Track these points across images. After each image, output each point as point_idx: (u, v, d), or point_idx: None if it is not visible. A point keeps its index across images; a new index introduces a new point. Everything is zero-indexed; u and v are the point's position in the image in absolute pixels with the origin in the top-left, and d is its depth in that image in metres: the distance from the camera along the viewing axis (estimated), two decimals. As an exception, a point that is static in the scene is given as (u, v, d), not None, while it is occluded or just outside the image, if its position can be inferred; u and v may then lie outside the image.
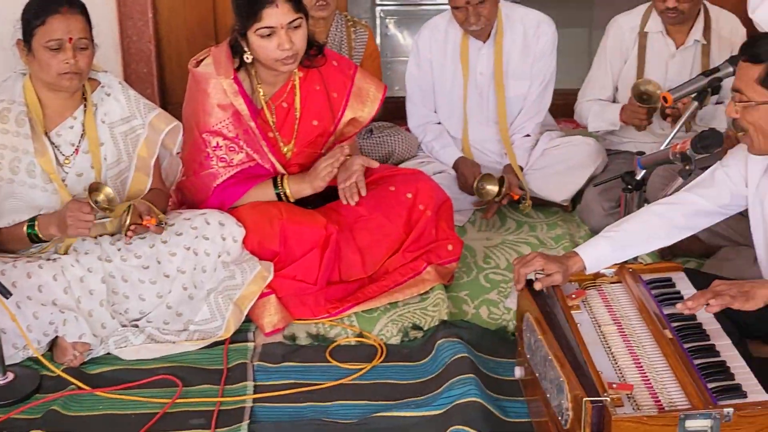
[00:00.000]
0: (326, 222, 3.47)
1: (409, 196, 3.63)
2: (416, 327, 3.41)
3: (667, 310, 2.76)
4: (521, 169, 4.21)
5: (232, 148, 3.42)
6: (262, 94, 3.46)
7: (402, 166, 4.23)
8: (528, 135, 4.31)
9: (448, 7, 4.14)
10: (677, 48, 4.09)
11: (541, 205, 4.33)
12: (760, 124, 2.67)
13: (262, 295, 3.36)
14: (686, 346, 2.60)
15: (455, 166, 4.27)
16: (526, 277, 2.83)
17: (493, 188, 4.07)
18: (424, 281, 3.57)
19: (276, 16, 3.26)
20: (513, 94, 4.27)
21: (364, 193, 3.47)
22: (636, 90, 3.93)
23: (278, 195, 3.50)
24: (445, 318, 3.41)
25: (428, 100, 4.37)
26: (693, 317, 2.72)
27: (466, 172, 4.20)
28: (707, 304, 2.55)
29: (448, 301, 3.52)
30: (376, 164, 3.55)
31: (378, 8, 7.80)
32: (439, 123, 4.40)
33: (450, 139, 4.36)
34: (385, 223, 3.58)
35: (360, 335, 3.38)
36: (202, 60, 3.46)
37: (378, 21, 7.59)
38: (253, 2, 3.26)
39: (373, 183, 3.62)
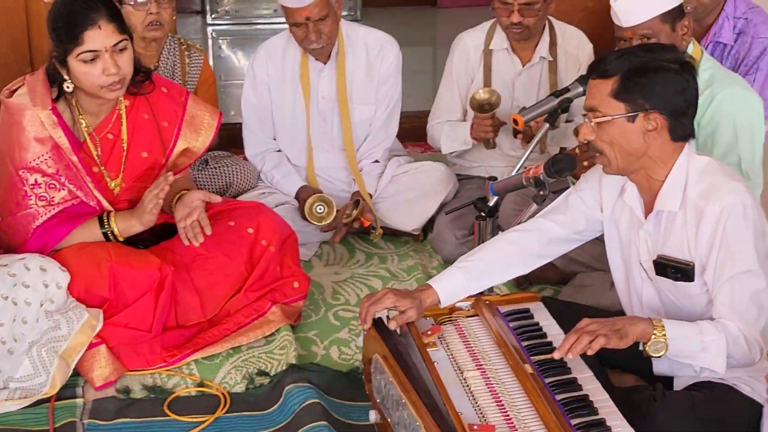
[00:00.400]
0: (160, 263, 3.38)
1: (251, 231, 3.58)
2: (262, 373, 3.35)
3: (526, 343, 2.80)
4: (370, 196, 4.21)
5: (52, 186, 3.30)
6: (84, 125, 3.35)
7: (241, 198, 4.18)
8: (377, 161, 4.32)
9: (286, 26, 4.12)
10: (523, 65, 4.18)
11: (391, 234, 4.34)
12: (617, 140, 2.73)
13: (91, 346, 3.25)
14: (547, 381, 2.63)
15: (297, 196, 4.24)
16: (375, 315, 2.82)
17: (329, 211, 4.08)
18: (270, 322, 3.52)
19: (99, 38, 3.17)
20: (358, 119, 4.27)
21: (209, 231, 3.40)
22: (474, 102, 3.99)
23: (105, 234, 3.39)
24: (293, 361, 3.37)
25: (266, 126, 4.33)
26: (553, 350, 2.75)
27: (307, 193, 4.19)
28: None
29: (295, 343, 3.48)
30: (218, 199, 3.49)
31: (209, 28, 7.72)
32: (279, 151, 4.36)
33: (291, 167, 4.33)
34: (225, 261, 3.51)
35: (201, 384, 3.30)
36: (15, 89, 3.33)
37: (210, 42, 7.51)
38: (73, 24, 3.16)
39: (210, 218, 3.55)
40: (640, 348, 2.64)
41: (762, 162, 3.55)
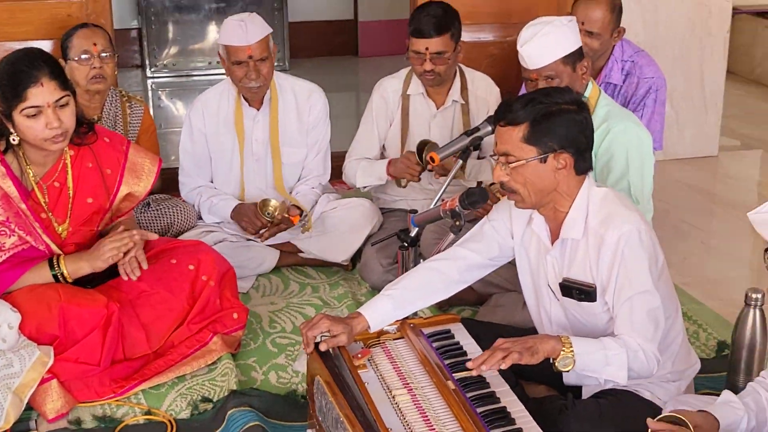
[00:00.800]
0: (107, 300, 3.29)
1: (192, 267, 3.52)
2: (206, 399, 3.29)
3: (448, 361, 2.78)
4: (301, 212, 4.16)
5: (2, 232, 3.20)
6: (32, 175, 3.27)
7: (182, 237, 4.11)
8: (314, 188, 4.30)
9: (219, 76, 4.08)
10: (438, 108, 4.18)
11: (322, 265, 4.31)
12: (530, 180, 2.73)
13: (43, 381, 3.14)
14: (468, 395, 2.62)
15: (234, 214, 4.15)
16: (315, 339, 2.78)
17: (275, 203, 4.05)
18: (211, 351, 3.46)
19: (42, 95, 3.10)
20: (289, 161, 4.24)
21: (145, 266, 3.33)
22: (419, 146, 3.96)
23: (56, 276, 3.30)
24: (235, 387, 3.31)
25: (203, 171, 4.28)
26: (473, 367, 2.74)
27: (245, 209, 4.12)
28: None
29: (236, 370, 3.42)
30: (154, 236, 3.43)
31: (149, 81, 7.69)
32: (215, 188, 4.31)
33: (227, 194, 4.26)
34: (168, 296, 3.44)
35: (148, 413, 3.22)
36: (-35, 143, 3.24)
37: (150, 93, 7.47)
38: (17, 82, 3.09)
39: (153, 257, 3.49)
40: (572, 382, 2.67)
41: (651, 189, 3.60)
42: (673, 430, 2.21)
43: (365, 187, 4.29)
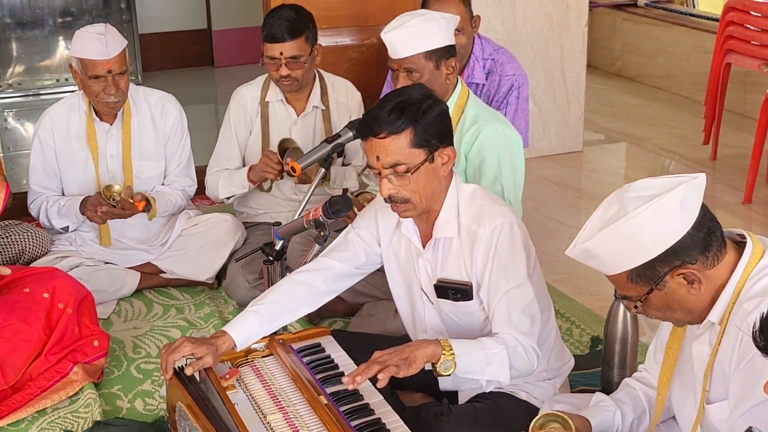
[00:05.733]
0: (-45, 335, 3.20)
1: (46, 295, 3.44)
2: (68, 433, 3.22)
3: (320, 376, 2.79)
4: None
5: None
6: None
7: (35, 264, 4.00)
8: (175, 189, 4.24)
9: (69, 94, 3.98)
10: (298, 115, 4.18)
11: (186, 285, 4.26)
12: (422, 185, 2.74)
13: None
14: (342, 409, 2.63)
15: (81, 207, 4.00)
16: (174, 364, 2.75)
17: (118, 188, 3.97)
18: (72, 382, 3.39)
19: None
20: (147, 175, 4.16)
21: None
22: (281, 147, 3.95)
23: None
24: (99, 418, 3.24)
25: (55, 184, 4.16)
26: (345, 379, 2.76)
27: (89, 198, 4.01)
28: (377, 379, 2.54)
29: (100, 400, 3.36)
30: (7, 271, 3.34)
31: (-6, 101, 7.47)
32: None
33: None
34: (23, 327, 3.35)
35: (7, 452, 3.14)
36: None
37: (-6, 115, 7.25)
38: None
39: (4, 287, 3.41)
40: (430, 369, 2.64)
41: (521, 191, 3.67)
42: None
43: (229, 198, 4.25)
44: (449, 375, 2.63)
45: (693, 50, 7.35)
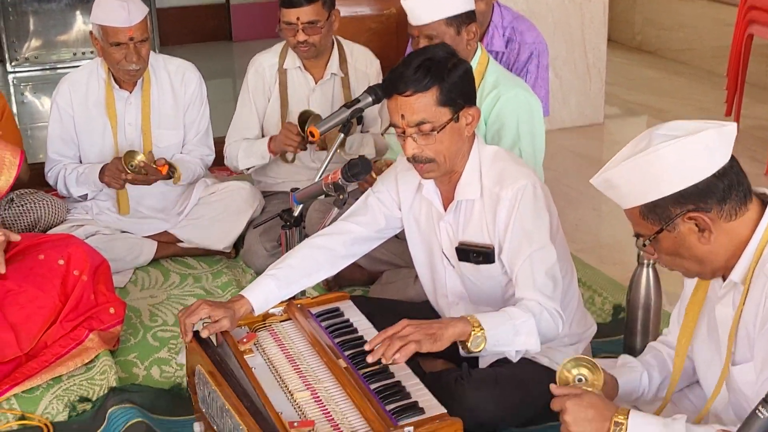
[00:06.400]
0: (-30, 302, 3.15)
1: (62, 262, 3.38)
2: (84, 399, 3.16)
3: (338, 340, 2.73)
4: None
5: None
6: None
7: (51, 232, 3.95)
8: (194, 157, 4.18)
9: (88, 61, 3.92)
10: (316, 82, 4.12)
11: (203, 254, 4.21)
12: (448, 145, 2.69)
13: None
14: (361, 372, 2.57)
15: (100, 174, 3.94)
16: (193, 327, 2.69)
17: (141, 156, 3.87)
18: (88, 350, 3.33)
19: None
20: (165, 144, 4.10)
21: (3, 270, 3.20)
22: (301, 118, 3.87)
23: None
24: (114, 384, 3.20)
25: (73, 152, 4.11)
26: (364, 343, 2.69)
27: (108, 164, 3.94)
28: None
29: (116, 367, 3.31)
30: (17, 237, 3.29)
31: (11, 76, 7.42)
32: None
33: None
34: (38, 294, 3.30)
35: (22, 418, 3.08)
36: None
37: (12, 89, 7.20)
38: None
39: (19, 254, 3.35)
40: (460, 347, 2.56)
41: (542, 156, 3.61)
42: (573, 392, 2.19)
43: (248, 169, 4.20)
44: (480, 351, 2.56)
45: (714, 23, 7.24)
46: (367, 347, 2.55)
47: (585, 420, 2.11)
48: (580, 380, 2.27)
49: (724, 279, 2.18)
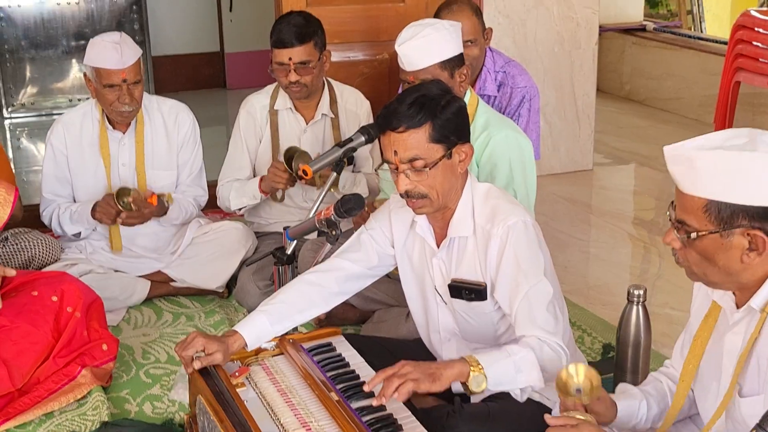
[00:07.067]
0: (-37, 336, 3.14)
1: (55, 299, 3.39)
2: (76, 434, 3.16)
3: (330, 374, 2.73)
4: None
5: None
6: None
7: (45, 270, 3.95)
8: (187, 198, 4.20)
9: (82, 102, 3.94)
10: (307, 123, 4.14)
11: (196, 294, 4.22)
12: (441, 181, 2.69)
13: None
14: (353, 405, 2.56)
15: (92, 211, 3.97)
16: (193, 359, 2.69)
17: (133, 192, 3.91)
18: (80, 385, 3.33)
19: None
20: (159, 184, 4.12)
21: None
22: (287, 154, 3.91)
23: None
24: (106, 419, 3.19)
25: (67, 192, 4.13)
26: (356, 377, 2.70)
27: (103, 202, 3.96)
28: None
29: (108, 403, 3.30)
30: (12, 272, 3.29)
31: (7, 121, 7.46)
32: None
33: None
34: (31, 330, 3.30)
35: (14, 452, 3.07)
36: None
37: (9, 134, 7.24)
38: None
39: (13, 290, 3.36)
40: (460, 389, 2.52)
41: (534, 196, 3.62)
42: (568, 422, 2.17)
43: (240, 209, 4.21)
44: (482, 391, 2.50)
45: (701, 73, 7.32)
46: (366, 388, 2.51)
47: None
48: (578, 391, 2.23)
49: (738, 307, 2.14)
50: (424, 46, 3.38)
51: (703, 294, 2.33)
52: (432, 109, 2.66)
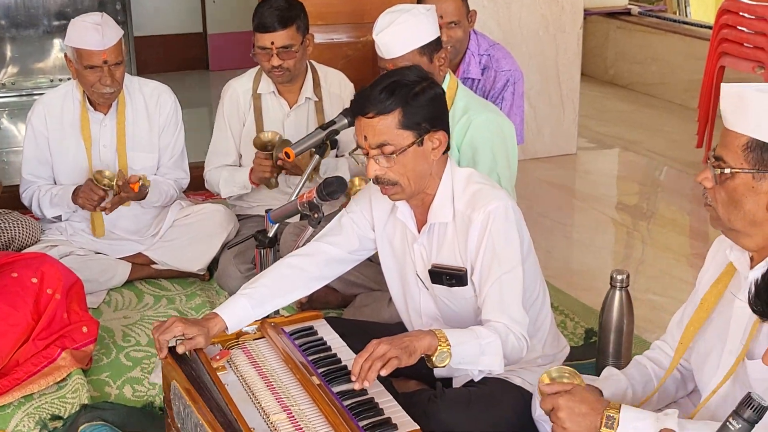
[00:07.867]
0: (-59, 318, 3.12)
1: (35, 280, 3.37)
2: (56, 417, 3.13)
3: (312, 357, 2.72)
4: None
5: None
6: None
7: (25, 251, 3.92)
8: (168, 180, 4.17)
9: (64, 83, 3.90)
10: (291, 107, 4.12)
11: (177, 276, 4.19)
12: (410, 167, 2.67)
13: None
14: (334, 389, 2.55)
15: (73, 197, 3.93)
16: (168, 344, 2.68)
17: (110, 173, 3.88)
18: (60, 368, 3.31)
19: None
20: (140, 166, 4.08)
21: None
22: (258, 141, 3.90)
23: None
24: (86, 402, 3.17)
25: (47, 173, 4.09)
26: (338, 361, 2.69)
27: (81, 186, 3.93)
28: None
29: (88, 385, 3.28)
30: None
31: (-14, 100, 7.40)
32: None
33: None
34: (10, 312, 3.28)
35: (-8, 435, 3.06)
36: None
37: (-12, 114, 7.19)
38: None
39: (-8, 272, 3.33)
40: (442, 373, 2.57)
41: (515, 178, 3.62)
42: (563, 388, 2.19)
43: (230, 196, 4.21)
44: (444, 366, 2.54)
45: (686, 58, 7.32)
46: (356, 387, 2.48)
47: (579, 415, 2.11)
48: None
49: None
50: (402, 32, 3.35)
51: (717, 263, 2.34)
52: (404, 95, 2.63)
